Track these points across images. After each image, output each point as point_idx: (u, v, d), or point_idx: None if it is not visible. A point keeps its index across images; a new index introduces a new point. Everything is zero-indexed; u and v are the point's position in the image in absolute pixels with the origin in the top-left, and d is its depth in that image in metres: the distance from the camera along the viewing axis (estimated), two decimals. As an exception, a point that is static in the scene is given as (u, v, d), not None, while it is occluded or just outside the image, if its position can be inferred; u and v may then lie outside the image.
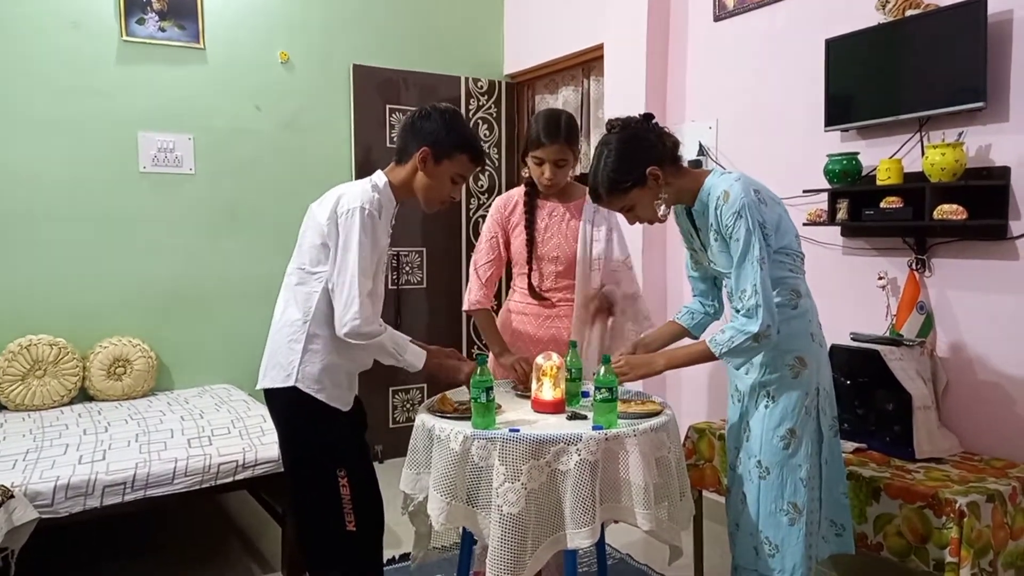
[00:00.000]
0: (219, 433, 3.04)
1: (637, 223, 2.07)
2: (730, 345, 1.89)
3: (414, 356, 2.10)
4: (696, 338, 2.21)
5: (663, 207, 1.98)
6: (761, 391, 1.98)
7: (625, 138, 1.97)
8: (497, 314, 2.70)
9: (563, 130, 2.43)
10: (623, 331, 2.53)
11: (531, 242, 2.54)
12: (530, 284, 2.58)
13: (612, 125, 2.02)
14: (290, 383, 2.04)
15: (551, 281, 2.57)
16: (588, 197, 2.55)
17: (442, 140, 2.06)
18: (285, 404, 2.10)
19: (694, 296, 2.26)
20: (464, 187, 2.26)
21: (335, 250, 1.99)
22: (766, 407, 1.97)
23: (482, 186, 4.69)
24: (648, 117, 2.02)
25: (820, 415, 1.98)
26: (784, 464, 1.95)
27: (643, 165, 1.93)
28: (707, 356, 1.97)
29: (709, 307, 2.23)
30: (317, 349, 2.05)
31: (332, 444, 2.09)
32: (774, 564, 1.96)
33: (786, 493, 1.94)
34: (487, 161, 4.58)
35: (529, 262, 2.56)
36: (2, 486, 2.38)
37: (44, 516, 2.46)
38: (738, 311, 1.90)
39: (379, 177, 2.11)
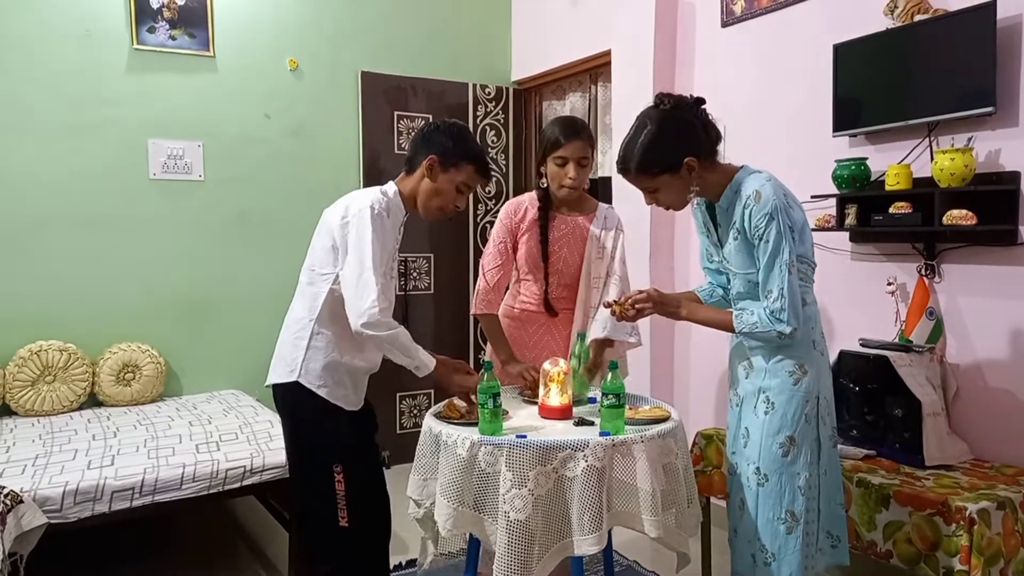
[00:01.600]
0: (227, 439, 3.04)
1: (654, 205, 2.01)
2: (752, 328, 1.89)
3: (426, 357, 2.10)
4: None
5: (694, 200, 1.95)
6: (760, 396, 1.96)
7: (671, 119, 1.90)
8: None
9: (582, 129, 2.44)
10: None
11: (546, 256, 2.51)
12: (545, 297, 2.56)
13: (661, 100, 1.92)
14: (293, 378, 2.10)
15: (557, 292, 2.56)
16: (596, 212, 2.56)
17: (450, 150, 2.12)
18: (288, 399, 2.16)
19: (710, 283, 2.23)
20: (471, 194, 2.30)
21: (344, 249, 2.03)
22: (765, 413, 1.95)
23: (489, 192, 4.70)
24: (700, 101, 1.95)
25: (819, 424, 1.95)
26: (783, 471, 1.92)
27: (681, 153, 1.88)
28: (727, 326, 1.96)
29: (726, 293, 2.19)
30: (320, 346, 2.10)
31: (330, 440, 2.13)
32: (771, 571, 1.94)
33: (784, 501, 1.92)
34: (494, 168, 4.60)
35: (547, 276, 2.54)
36: (11, 491, 2.39)
37: (53, 521, 2.47)
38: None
39: (390, 186, 2.19)
